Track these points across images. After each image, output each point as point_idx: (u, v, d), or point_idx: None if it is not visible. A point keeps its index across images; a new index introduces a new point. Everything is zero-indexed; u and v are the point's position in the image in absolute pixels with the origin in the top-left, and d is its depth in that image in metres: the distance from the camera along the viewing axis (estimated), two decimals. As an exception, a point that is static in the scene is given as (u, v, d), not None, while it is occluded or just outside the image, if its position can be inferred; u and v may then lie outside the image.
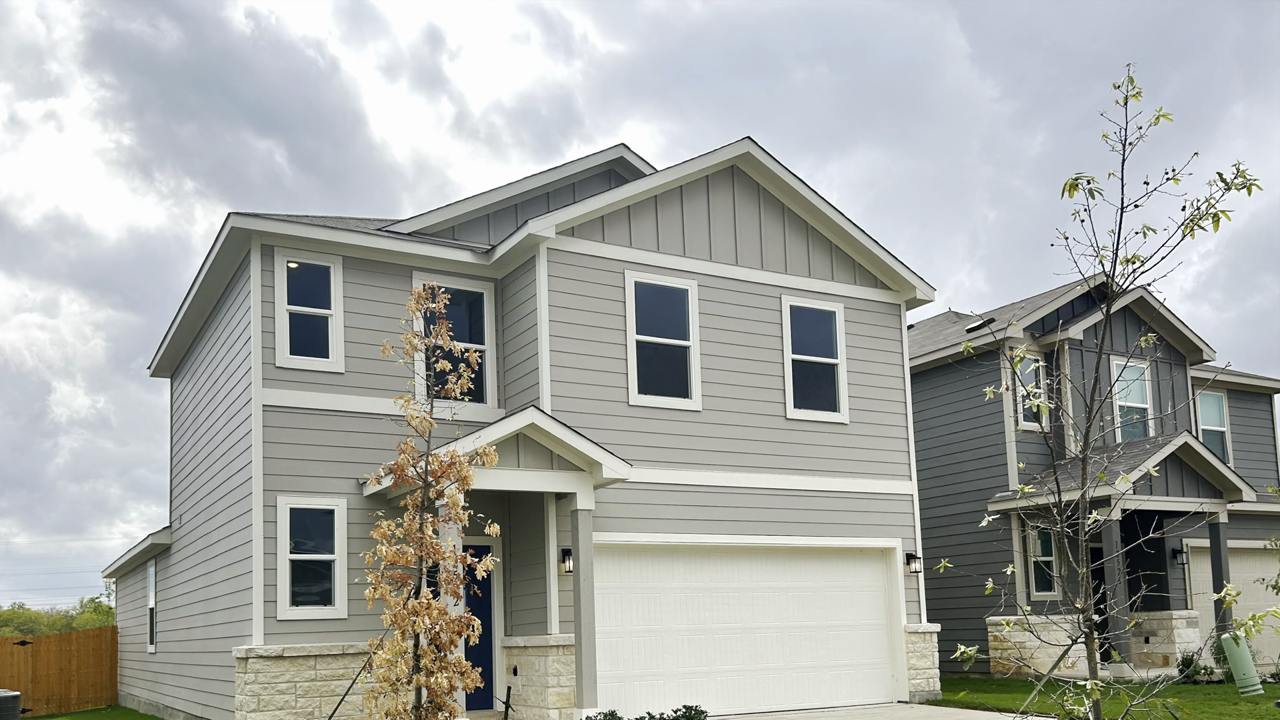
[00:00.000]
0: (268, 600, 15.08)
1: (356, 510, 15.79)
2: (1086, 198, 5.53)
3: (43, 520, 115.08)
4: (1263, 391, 28.28)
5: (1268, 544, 21.94)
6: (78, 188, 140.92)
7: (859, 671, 18.57)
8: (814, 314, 18.79)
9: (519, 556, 16.69)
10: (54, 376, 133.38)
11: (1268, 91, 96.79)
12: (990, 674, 22.80)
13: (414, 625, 9.07)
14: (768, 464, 17.88)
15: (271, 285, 15.73)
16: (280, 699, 14.84)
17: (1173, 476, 22.25)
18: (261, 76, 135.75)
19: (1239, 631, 5.54)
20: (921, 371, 24.93)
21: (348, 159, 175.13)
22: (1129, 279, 5.69)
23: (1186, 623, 23.00)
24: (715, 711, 16.57)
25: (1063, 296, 23.78)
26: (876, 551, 19.05)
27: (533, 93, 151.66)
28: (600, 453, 15.28)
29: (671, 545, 17.02)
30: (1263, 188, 5.37)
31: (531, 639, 15.90)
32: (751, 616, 17.70)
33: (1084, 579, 5.77)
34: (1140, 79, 5.55)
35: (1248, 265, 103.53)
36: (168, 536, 22.59)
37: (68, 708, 27.34)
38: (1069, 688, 5.59)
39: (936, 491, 24.54)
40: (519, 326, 16.87)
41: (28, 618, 62.20)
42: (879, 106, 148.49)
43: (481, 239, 17.98)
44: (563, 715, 15.18)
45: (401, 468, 9.94)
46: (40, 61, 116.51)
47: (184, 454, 21.90)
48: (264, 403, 15.46)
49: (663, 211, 17.60)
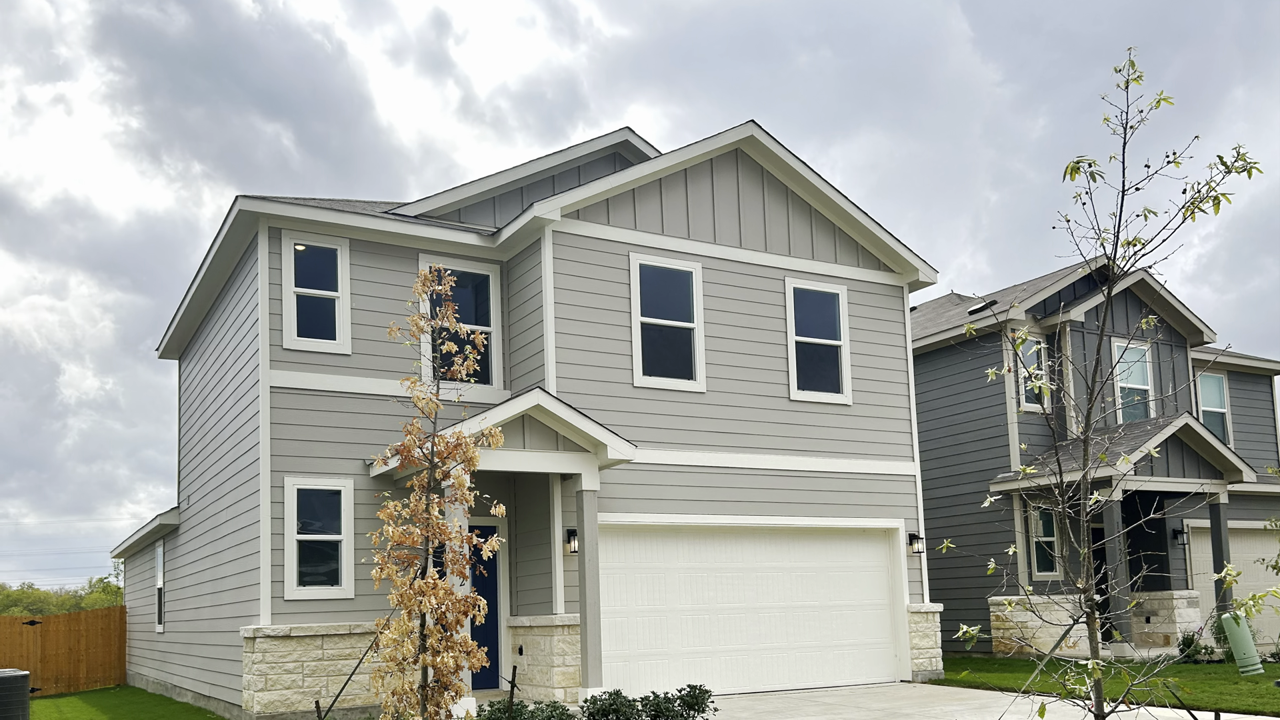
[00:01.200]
0: (275, 580, 15.19)
1: (363, 491, 15.90)
2: (1088, 181, 5.53)
3: (52, 501, 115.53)
4: (1263, 373, 28.34)
5: (1268, 524, 22.00)
6: (86, 171, 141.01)
7: (862, 651, 18.70)
8: (817, 296, 18.85)
9: (524, 537, 16.81)
10: (63, 358, 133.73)
11: (1268, 75, 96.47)
12: (992, 654, 22.94)
13: (420, 605, 9.15)
14: (771, 445, 17.97)
15: (279, 267, 15.81)
16: (287, 678, 14.98)
17: (1174, 457, 22.33)
18: (269, 60, 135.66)
19: (1239, 611, 5.60)
20: (924, 353, 25.00)
21: (354, 142, 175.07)
22: (1130, 261, 5.70)
23: (1187, 603, 23.12)
24: (719, 691, 16.69)
25: (1064, 279, 23.83)
26: (879, 532, 19.16)
27: (538, 76, 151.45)
28: (605, 434, 15.37)
29: (676, 526, 17.14)
30: (1263, 171, 5.38)
31: (537, 619, 16.03)
32: (755, 596, 17.82)
33: (1085, 559, 5.78)
34: (1141, 63, 5.55)
35: (1248, 248, 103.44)
36: (176, 517, 22.72)
37: (76, 687, 27.54)
38: (1071, 667, 5.56)
39: (939, 472, 24.64)
40: (525, 309, 16.96)
41: (37, 598, 62.50)
42: (882, 90, 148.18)
43: (487, 222, 18.05)
44: (568, 694, 15.32)
45: (408, 449, 9.99)
46: (49, 45, 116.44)
47: (192, 435, 22.01)
48: (271, 384, 15.56)
49: (667, 194, 17.65)
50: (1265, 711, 13.30)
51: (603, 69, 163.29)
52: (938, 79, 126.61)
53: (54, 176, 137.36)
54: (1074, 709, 5.65)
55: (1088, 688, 5.61)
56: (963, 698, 16.14)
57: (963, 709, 14.55)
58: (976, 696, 16.23)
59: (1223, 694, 14.94)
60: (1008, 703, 13.84)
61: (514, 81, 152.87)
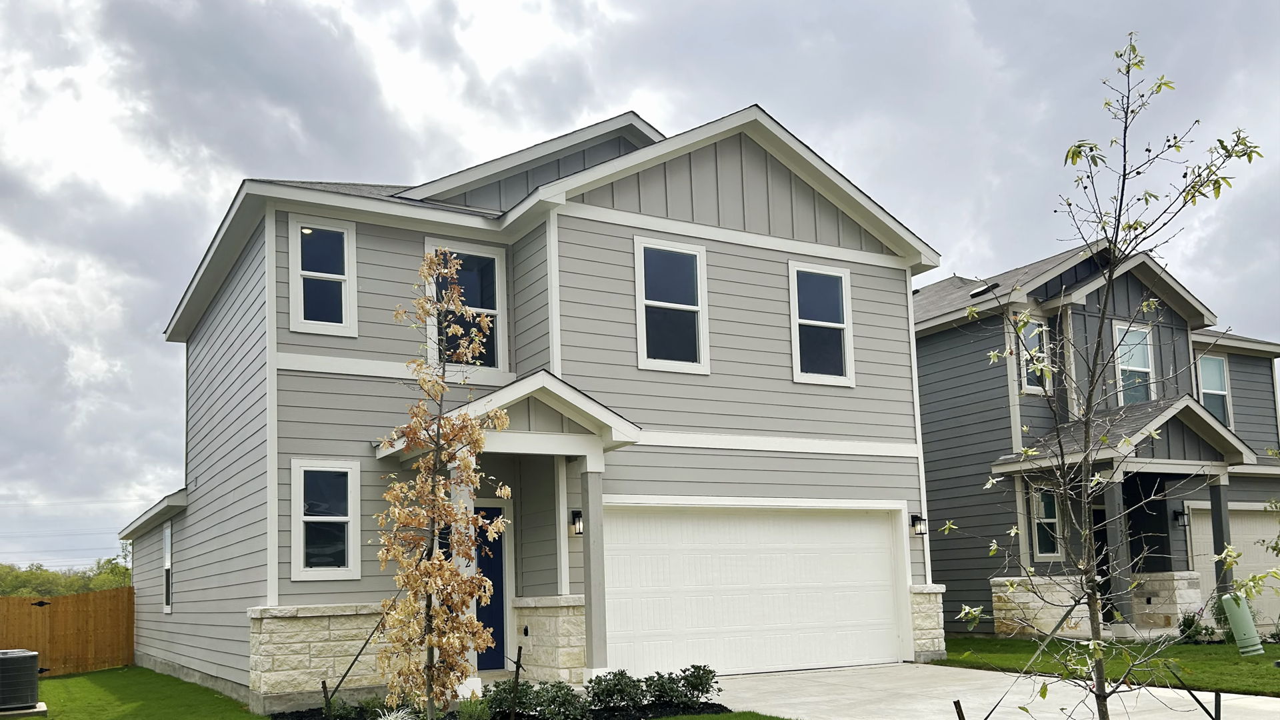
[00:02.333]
0: (282, 561, 15.28)
1: (369, 473, 16.00)
2: (1089, 165, 5.53)
3: (60, 483, 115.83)
4: (1263, 355, 28.40)
5: (1268, 506, 22.13)
6: (95, 155, 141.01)
7: (865, 632, 18.82)
8: (820, 279, 18.91)
9: (529, 518, 16.91)
10: (71, 341, 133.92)
11: (1268, 60, 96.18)
12: (994, 634, 23.07)
13: (426, 586, 9.23)
14: (775, 427, 18.06)
15: (286, 251, 15.88)
16: (294, 659, 15.09)
17: (1174, 439, 22.41)
18: (276, 45, 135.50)
19: (1239, 592, 5.60)
20: (926, 336, 25.06)
21: (361, 127, 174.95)
22: (1131, 245, 5.72)
23: (1188, 584, 23.23)
24: (723, 671, 16.81)
25: (1066, 262, 23.87)
26: (882, 513, 19.26)
27: (543, 61, 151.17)
28: (610, 416, 15.46)
29: (680, 507, 17.24)
30: (1262, 155, 5.40)
31: (542, 600, 16.15)
32: (759, 577, 17.93)
33: (1087, 540, 5.80)
34: (1142, 47, 5.56)
35: (1248, 231, 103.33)
36: (183, 499, 22.83)
37: (85, 667, 27.71)
38: (1072, 648, 5.58)
39: (941, 454, 24.73)
40: (530, 292, 17.02)
41: (45, 579, 62.76)
42: (885, 75, 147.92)
43: (493, 205, 18.11)
44: (573, 675, 15.44)
45: (414, 431, 10.06)
46: (58, 30, 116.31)
47: (199, 417, 22.11)
48: (278, 367, 15.64)
49: (671, 178, 17.70)
50: (1265, 691, 13.41)
51: (607, 54, 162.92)
52: (940, 63, 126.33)
53: (62, 160, 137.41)
54: (1075, 689, 5.67)
55: (1089, 668, 5.63)
56: (965, 678, 16.25)
57: (965, 689, 14.66)
58: (979, 677, 16.34)
59: (1223, 674, 15.04)
60: (1010, 683, 13.95)
61: (519, 66, 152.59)
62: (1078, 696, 6.36)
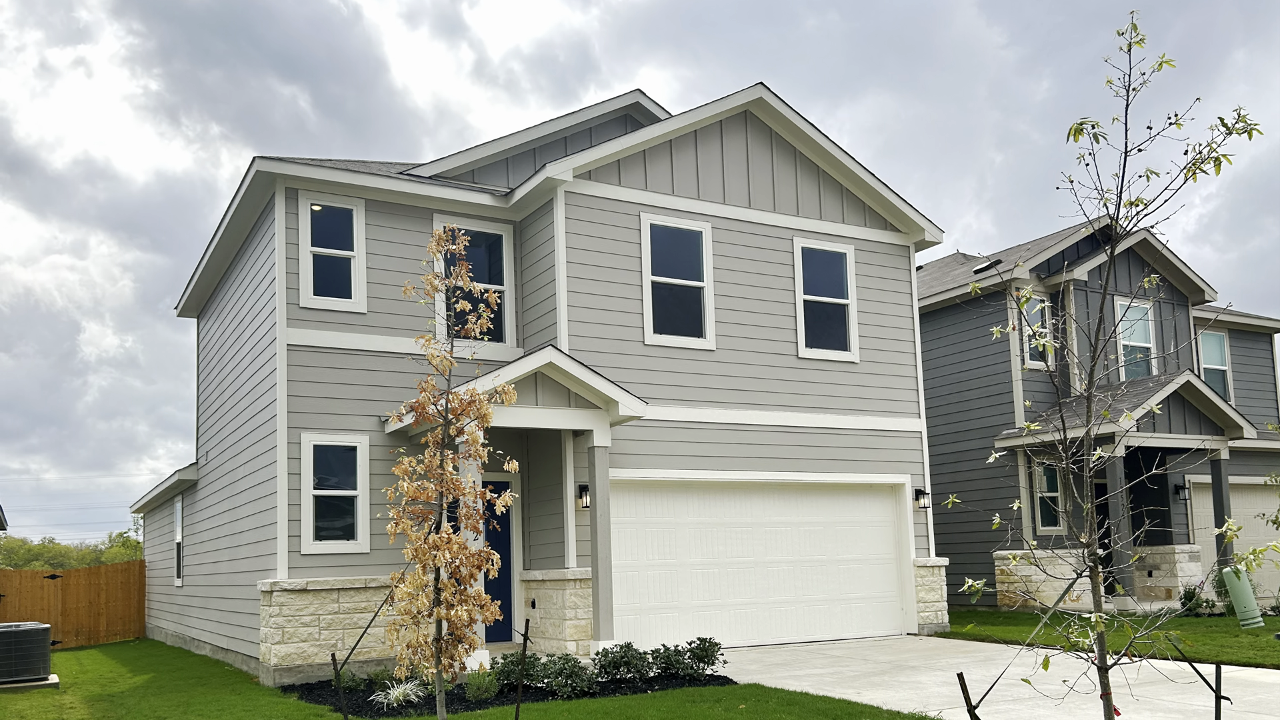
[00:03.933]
0: (292, 535, 15.43)
1: (378, 447, 16.14)
2: (1091, 142, 5.54)
3: (72, 457, 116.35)
4: (1263, 331, 28.49)
5: (1268, 480, 22.28)
6: (106, 132, 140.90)
7: (869, 604, 19.00)
8: (825, 255, 19.00)
9: (537, 492, 17.07)
10: (83, 316, 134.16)
11: (1268, 38, 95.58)
12: (997, 607, 23.24)
13: (434, 559, 9.31)
14: (780, 402, 18.19)
15: (295, 227, 15.98)
16: (304, 631, 15.26)
17: (1175, 414, 22.52)
18: (286, 24, 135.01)
19: (1240, 565, 5.65)
20: (930, 312, 25.15)
21: (370, 104, 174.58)
22: (1132, 221, 5.75)
23: (1189, 557, 23.39)
24: (729, 643, 16.99)
25: (1068, 239, 23.94)
26: (886, 487, 19.41)
27: (551, 39, 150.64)
28: (616, 391, 15.59)
29: (686, 481, 17.38)
30: (1263, 132, 5.43)
31: (549, 573, 16.32)
32: (764, 551, 18.09)
33: (1088, 514, 5.84)
34: (1143, 26, 5.58)
35: (1248, 208, 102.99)
36: (194, 473, 23.01)
37: (97, 640, 27.97)
38: (1074, 620, 5.63)
39: (945, 429, 24.86)
40: (537, 268, 17.13)
41: (57, 552, 63.14)
42: (888, 53, 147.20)
43: (500, 182, 18.20)
44: (580, 647, 15.62)
45: (422, 405, 10.13)
46: (70, 9, 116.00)
47: (210, 392, 22.25)
48: (288, 342, 15.77)
49: (677, 155, 17.77)
50: (1265, 664, 13.54)
51: (614, 32, 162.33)
52: (943, 42, 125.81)
53: (74, 138, 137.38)
54: (1077, 661, 5.74)
55: (1091, 640, 5.68)
56: (968, 650, 16.42)
57: (968, 661, 14.83)
58: (981, 649, 16.50)
59: (1223, 647, 15.17)
60: (1012, 655, 14.10)
61: (527, 44, 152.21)
62: (1080, 668, 6.46)
